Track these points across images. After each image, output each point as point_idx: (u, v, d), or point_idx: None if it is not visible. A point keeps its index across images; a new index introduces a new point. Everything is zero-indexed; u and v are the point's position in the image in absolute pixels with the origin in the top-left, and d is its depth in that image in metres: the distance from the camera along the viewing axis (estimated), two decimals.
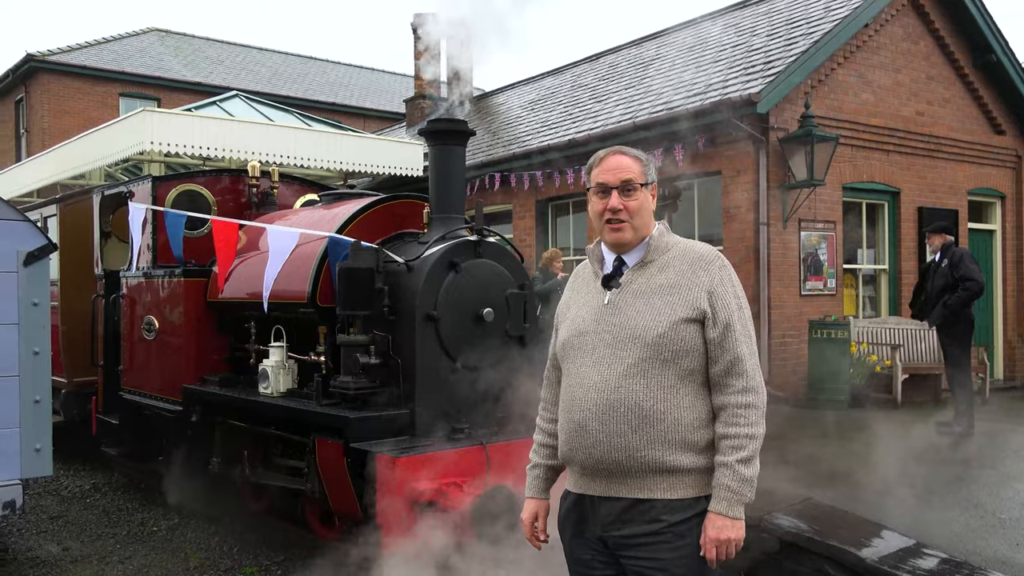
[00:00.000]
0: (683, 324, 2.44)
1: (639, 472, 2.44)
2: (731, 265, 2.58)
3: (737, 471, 2.38)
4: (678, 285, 2.49)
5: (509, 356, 5.38)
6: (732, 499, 2.39)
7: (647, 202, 2.63)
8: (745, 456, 2.39)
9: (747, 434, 2.41)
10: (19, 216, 5.21)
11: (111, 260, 7.75)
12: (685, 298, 2.47)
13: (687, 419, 2.44)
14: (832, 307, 10.60)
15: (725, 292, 2.49)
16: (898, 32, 11.39)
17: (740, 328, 2.48)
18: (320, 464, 5.05)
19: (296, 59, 30.48)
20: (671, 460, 2.42)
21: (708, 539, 2.40)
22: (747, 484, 2.40)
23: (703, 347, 2.47)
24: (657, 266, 2.56)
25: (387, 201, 5.78)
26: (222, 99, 14.64)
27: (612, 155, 2.66)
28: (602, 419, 2.46)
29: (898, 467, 6.84)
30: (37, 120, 22.76)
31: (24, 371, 5.14)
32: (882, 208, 11.59)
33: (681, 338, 2.44)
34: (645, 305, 2.49)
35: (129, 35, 26.57)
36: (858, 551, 4.91)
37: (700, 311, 2.45)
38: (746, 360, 2.46)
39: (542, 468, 2.82)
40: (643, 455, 2.42)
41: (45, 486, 7.66)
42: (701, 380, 2.48)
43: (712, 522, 2.41)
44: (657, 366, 2.44)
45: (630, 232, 2.58)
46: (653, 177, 2.67)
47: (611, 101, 12.98)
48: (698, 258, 2.54)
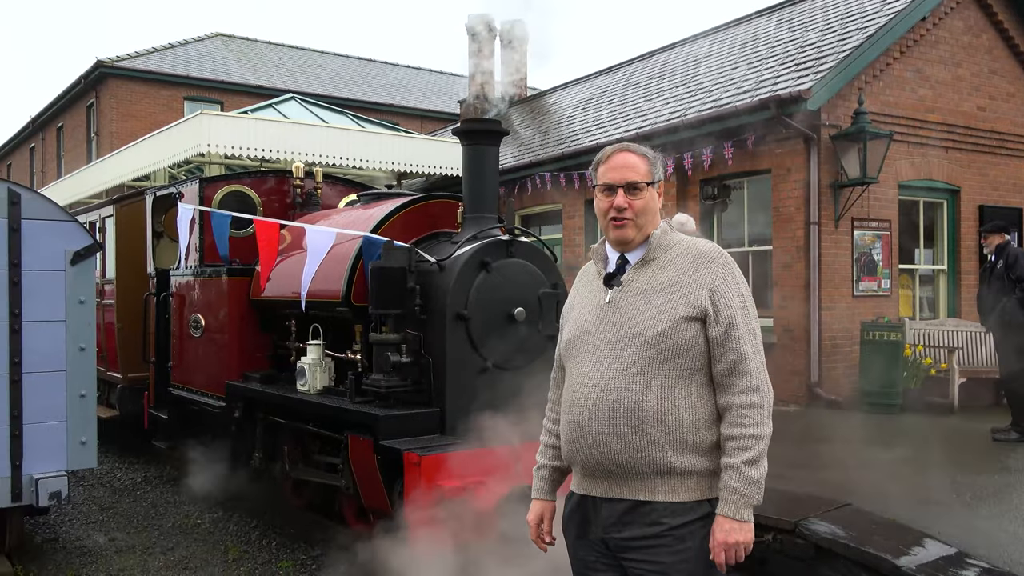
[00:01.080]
0: (683, 323, 2.41)
1: (640, 474, 2.41)
2: (735, 262, 2.54)
3: (744, 473, 2.34)
4: (679, 283, 2.46)
5: (540, 355, 5.38)
6: (739, 502, 2.35)
7: (652, 201, 2.58)
8: (751, 457, 2.35)
9: (752, 435, 2.37)
10: (67, 216, 5.39)
11: (163, 259, 7.97)
12: (686, 296, 2.43)
13: (689, 420, 2.40)
14: (887, 308, 10.33)
15: (728, 290, 2.44)
16: (958, 25, 11.05)
17: (743, 326, 2.43)
18: (352, 461, 5.12)
19: (355, 61, 30.91)
20: (672, 462, 2.39)
21: (716, 542, 2.36)
22: (754, 486, 2.35)
23: (705, 346, 2.43)
24: (659, 264, 2.52)
25: (422, 201, 5.82)
26: (278, 101, 14.94)
27: (618, 153, 2.61)
28: (602, 420, 2.44)
29: (947, 473, 6.64)
30: (106, 124, 23.51)
31: (71, 366, 5.32)
32: (941, 207, 11.26)
33: (681, 337, 2.40)
34: (645, 303, 2.46)
35: (194, 40, 27.28)
36: (895, 559, 4.80)
37: (701, 309, 2.42)
38: (750, 359, 2.41)
39: (548, 469, 2.81)
40: (643, 456, 2.39)
41: (99, 478, 7.92)
42: (704, 380, 2.44)
43: (720, 525, 2.37)
44: (657, 365, 2.41)
45: (633, 230, 2.55)
46: (660, 175, 2.62)
47: (661, 99, 12.86)
48: (700, 256, 2.50)
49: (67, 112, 27.06)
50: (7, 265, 5.09)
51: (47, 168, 29.14)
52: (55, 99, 27.11)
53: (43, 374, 5.20)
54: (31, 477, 5.14)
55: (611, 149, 2.66)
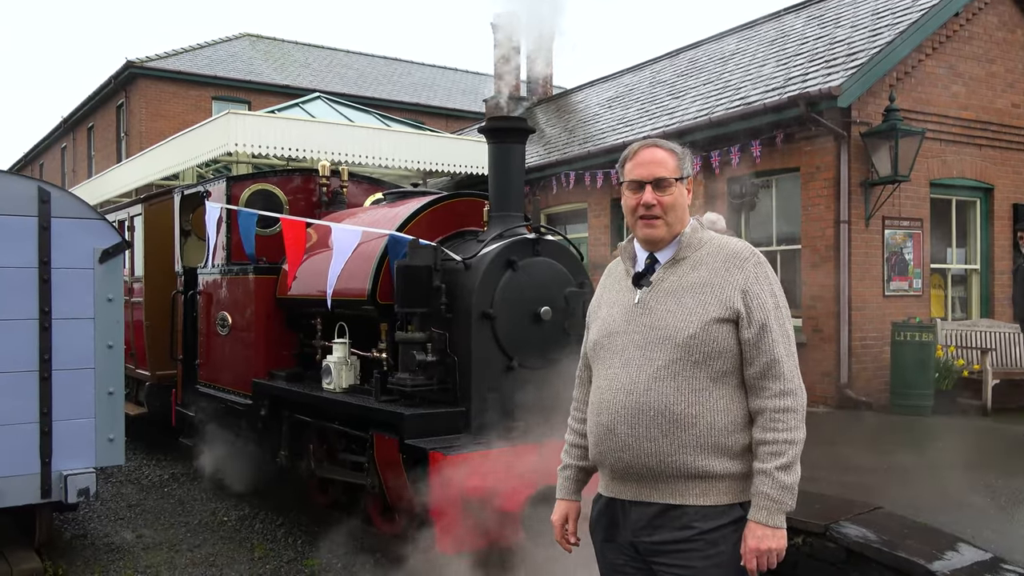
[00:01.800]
0: (715, 324, 2.36)
1: (670, 477, 2.36)
2: (767, 262, 2.48)
3: (776, 478, 2.30)
4: (711, 283, 2.40)
5: (566, 355, 5.34)
6: (772, 507, 2.30)
7: (682, 197, 2.52)
8: (784, 463, 2.30)
9: (786, 439, 2.32)
10: (95, 215, 5.43)
11: (190, 257, 8.02)
12: (718, 297, 2.38)
13: (720, 423, 2.35)
14: (918, 308, 10.18)
15: (761, 291, 2.39)
16: (992, 21, 10.85)
17: (777, 328, 2.38)
18: (378, 460, 5.11)
19: (381, 61, 31.00)
20: (703, 465, 2.34)
21: (748, 549, 2.32)
22: (787, 492, 2.31)
23: (737, 348, 2.38)
24: (689, 263, 2.47)
25: (447, 199, 5.80)
26: (304, 101, 14.99)
27: (646, 148, 2.56)
28: (631, 423, 2.39)
29: (981, 477, 6.51)
30: (136, 124, 23.74)
31: (99, 364, 5.36)
32: (974, 205, 11.07)
33: (713, 339, 2.35)
34: (676, 304, 2.41)
35: (222, 41, 27.47)
36: (928, 563, 4.70)
37: (733, 311, 2.36)
38: (783, 362, 2.36)
39: (573, 469, 2.77)
40: (674, 460, 2.35)
41: (127, 475, 7.98)
42: (736, 382, 2.39)
43: (752, 531, 2.32)
44: (688, 368, 2.36)
45: (663, 229, 2.49)
46: (689, 171, 2.57)
47: (688, 97, 12.76)
48: (732, 255, 2.44)
49: (97, 112, 27.37)
50: (37, 263, 5.14)
51: (78, 168, 29.50)
52: (86, 99, 27.42)
53: (72, 371, 5.24)
54: (60, 474, 5.18)
55: (638, 145, 2.60)
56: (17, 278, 5.07)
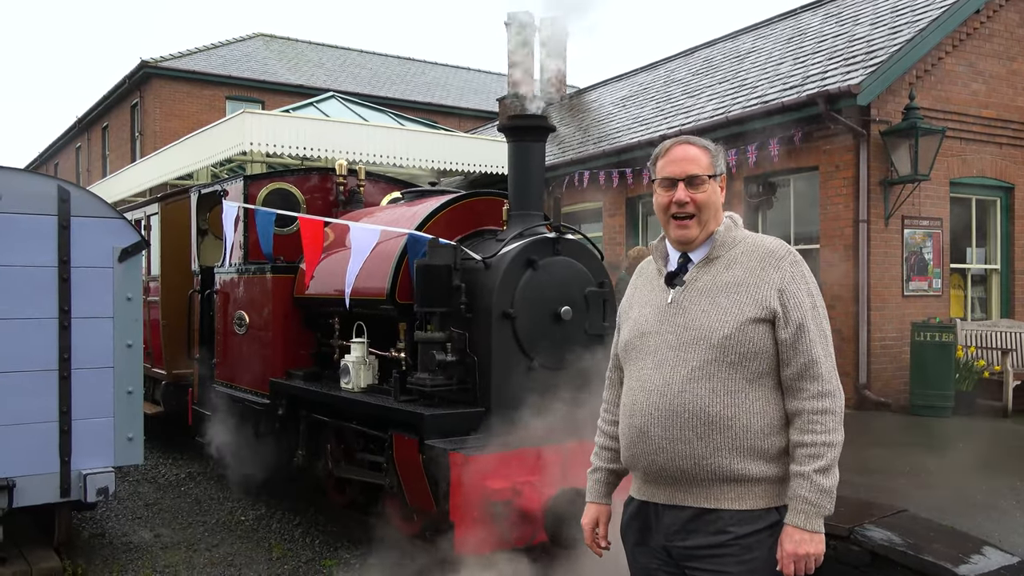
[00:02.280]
0: (751, 324, 2.31)
1: (705, 481, 2.32)
2: (804, 261, 2.43)
3: (815, 482, 2.25)
4: (746, 283, 2.35)
5: (587, 355, 5.30)
6: (810, 511, 2.25)
7: (715, 195, 2.47)
8: (823, 465, 2.25)
9: (824, 442, 2.27)
10: (114, 214, 5.42)
11: (207, 257, 8.02)
12: (753, 297, 2.33)
13: (756, 425, 2.31)
14: (937, 308, 10.08)
15: (798, 290, 2.34)
16: (1014, 18, 10.74)
17: (815, 328, 2.32)
18: (397, 460, 5.08)
19: (395, 60, 31.02)
20: (739, 469, 2.29)
21: (786, 554, 2.27)
22: (826, 495, 2.26)
23: (773, 349, 2.33)
24: (724, 262, 2.41)
25: (466, 198, 5.77)
26: (319, 100, 15.00)
27: (678, 145, 2.51)
28: (665, 425, 2.35)
29: (1005, 479, 6.44)
30: (150, 123, 23.82)
31: (118, 363, 5.34)
32: (994, 204, 10.96)
33: (749, 339, 2.30)
34: (711, 304, 2.36)
35: (235, 40, 27.54)
36: (955, 567, 4.65)
37: (770, 311, 2.31)
38: (821, 363, 2.31)
39: (603, 472, 2.73)
40: (709, 463, 2.30)
41: (144, 474, 7.98)
42: (772, 383, 2.34)
43: (790, 536, 2.27)
44: (724, 369, 2.31)
45: (697, 228, 2.44)
46: (722, 168, 2.51)
47: (704, 96, 12.69)
48: (768, 254, 2.39)
49: (112, 112, 27.48)
50: (56, 262, 5.13)
51: (92, 167, 29.63)
52: (100, 99, 27.54)
53: (91, 370, 5.23)
54: (79, 473, 5.17)
55: (670, 142, 2.56)
56: (37, 277, 5.07)
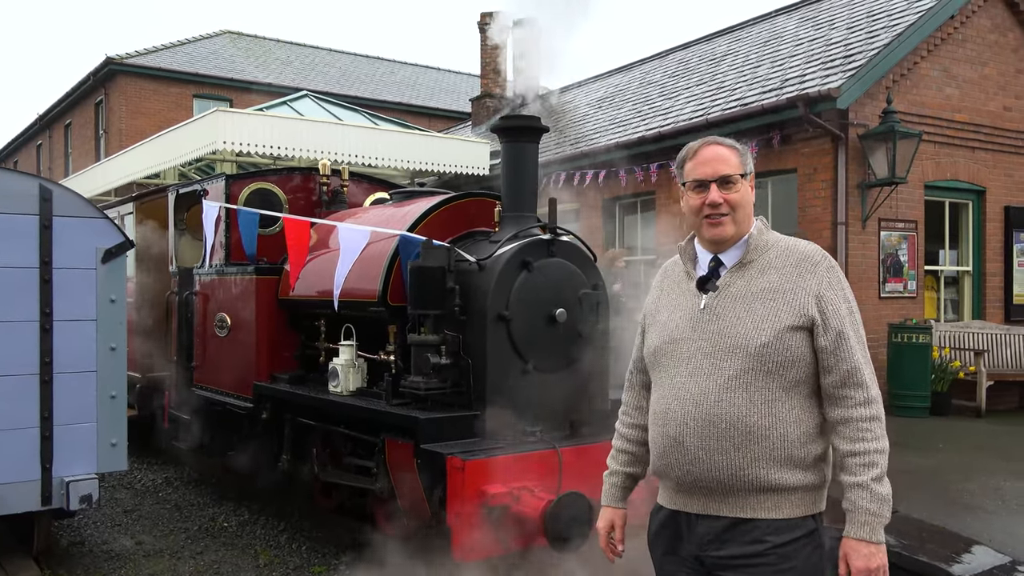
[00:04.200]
0: (789, 332, 2.26)
1: (742, 491, 2.28)
2: (838, 266, 2.39)
3: (874, 491, 2.20)
4: (782, 289, 2.31)
5: (581, 358, 5.27)
6: (875, 523, 2.20)
7: (748, 195, 2.43)
8: (879, 474, 2.22)
9: (877, 449, 2.23)
10: (98, 214, 5.28)
11: (185, 257, 7.86)
12: (791, 304, 2.28)
13: (794, 434, 2.27)
14: (912, 310, 10.21)
15: (835, 297, 2.30)
16: (985, 24, 10.91)
17: (854, 335, 2.29)
18: (389, 464, 5.00)
19: (364, 60, 30.80)
20: (777, 478, 2.25)
21: (857, 570, 2.20)
22: (886, 504, 2.22)
23: (811, 356, 2.29)
24: (758, 267, 2.36)
25: (458, 199, 5.70)
26: (292, 99, 14.81)
27: (707, 146, 2.47)
28: (701, 435, 2.30)
29: (988, 480, 6.52)
30: (115, 121, 23.40)
31: (101, 366, 5.21)
32: (966, 207, 11.12)
33: (787, 347, 2.26)
34: (746, 311, 2.31)
35: (202, 38, 27.17)
36: (948, 567, 4.69)
37: (808, 318, 2.27)
38: (863, 369, 2.27)
39: (620, 475, 2.69)
40: (747, 473, 2.26)
41: (119, 480, 7.80)
42: (808, 391, 2.31)
43: (857, 551, 2.20)
44: (761, 378, 2.27)
45: (731, 227, 2.39)
46: (751, 168, 2.47)
47: (682, 98, 12.73)
48: (803, 258, 2.34)
49: (75, 109, 26.96)
50: (38, 263, 4.98)
51: (55, 166, 29.04)
52: (63, 96, 27.00)
53: (74, 374, 5.09)
54: (61, 480, 5.03)
55: (697, 144, 2.52)
56: (18, 278, 4.92)
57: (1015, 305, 11.19)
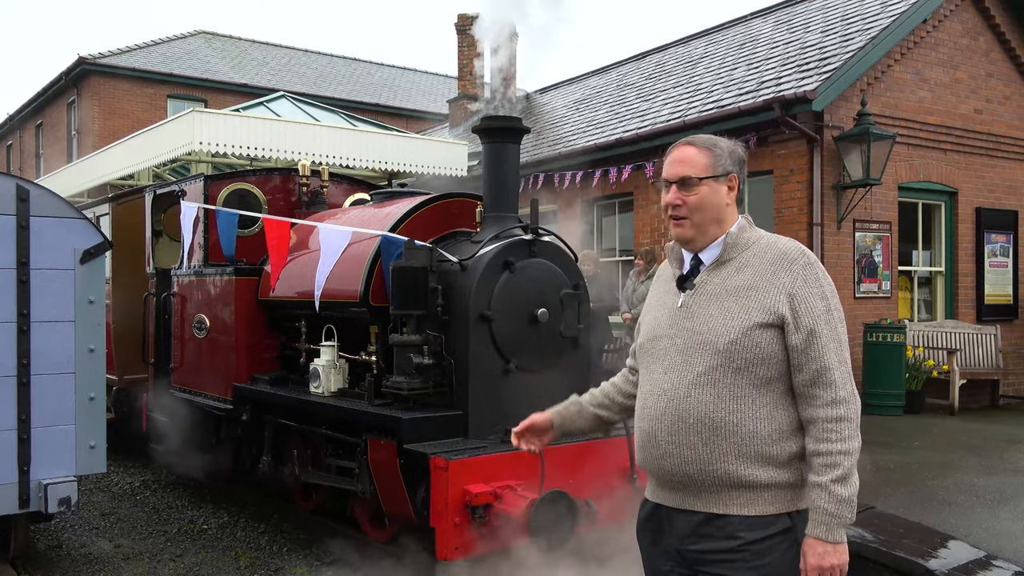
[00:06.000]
0: (758, 329, 2.27)
1: (713, 486, 2.30)
2: (819, 263, 2.38)
3: (833, 492, 2.20)
4: (755, 286, 2.31)
5: (563, 357, 5.30)
6: (831, 523, 2.20)
7: (711, 197, 2.42)
8: (840, 475, 2.21)
9: (840, 450, 2.22)
10: (76, 214, 5.23)
11: (162, 259, 7.79)
12: (762, 301, 2.29)
13: (765, 431, 2.28)
14: (887, 310, 10.34)
15: (809, 294, 2.28)
16: (957, 28, 11.08)
17: (827, 333, 2.27)
18: (372, 465, 5.00)
19: (340, 61, 30.66)
20: (747, 475, 2.27)
21: (810, 567, 2.22)
22: (846, 505, 2.21)
23: (783, 354, 2.29)
24: (735, 265, 2.38)
25: (439, 200, 5.71)
26: (269, 100, 14.71)
27: (679, 147, 2.50)
28: (671, 430, 2.34)
29: (963, 476, 6.62)
30: (88, 122, 23.13)
31: (80, 368, 5.16)
32: (939, 209, 11.28)
33: (756, 344, 2.27)
34: (719, 308, 2.33)
35: (176, 38, 26.90)
36: (925, 562, 4.76)
37: (778, 316, 2.27)
38: (834, 369, 2.25)
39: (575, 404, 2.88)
40: (715, 469, 2.28)
41: (96, 482, 7.72)
42: (783, 388, 2.31)
43: (812, 548, 2.22)
44: (729, 374, 2.29)
45: (691, 229, 2.42)
46: (727, 168, 2.44)
47: (659, 100, 12.81)
48: (780, 256, 2.34)
49: (47, 109, 26.62)
50: (15, 264, 4.92)
51: (25, 166, 28.65)
52: (35, 96, 26.65)
53: (51, 376, 5.03)
54: (39, 483, 4.97)
55: (677, 143, 2.56)
56: None
57: (987, 305, 11.37)
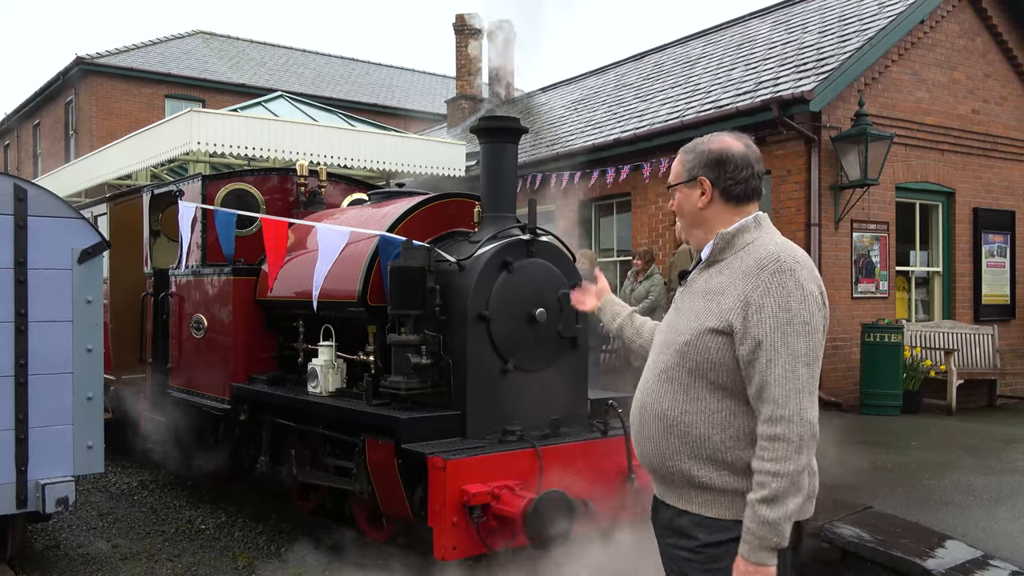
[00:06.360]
0: (709, 335, 2.25)
1: (675, 482, 2.35)
2: (797, 270, 2.19)
3: (757, 512, 2.12)
4: (723, 291, 2.27)
5: (561, 357, 5.30)
6: (753, 543, 2.13)
7: (684, 202, 2.47)
8: (766, 496, 2.11)
9: (769, 470, 2.11)
10: (74, 214, 5.23)
11: (160, 259, 7.79)
12: (720, 306, 2.25)
13: (718, 436, 2.25)
14: (884, 310, 10.35)
15: (765, 304, 2.16)
16: (954, 28, 11.10)
17: (778, 346, 2.13)
18: (370, 465, 5.00)
19: (338, 61, 30.68)
20: (701, 476, 2.26)
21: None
22: (769, 528, 2.10)
23: (735, 363, 2.23)
24: (720, 267, 2.35)
25: (437, 200, 5.71)
26: (267, 100, 14.71)
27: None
28: (640, 421, 2.44)
29: (960, 476, 6.63)
30: (85, 121, 23.13)
31: (77, 368, 5.15)
32: (936, 209, 11.30)
33: (706, 348, 2.25)
34: (690, 308, 2.37)
35: (174, 37, 26.91)
36: (923, 562, 4.77)
37: (728, 323, 2.21)
38: (774, 385, 2.12)
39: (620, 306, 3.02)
40: (672, 464, 2.33)
41: (94, 482, 7.72)
42: (743, 397, 2.24)
43: (737, 565, 2.18)
44: (685, 375, 2.30)
45: (682, 232, 2.57)
46: (694, 172, 2.43)
47: (657, 100, 12.82)
48: (755, 261, 2.25)
49: (45, 109, 26.62)
50: (12, 263, 4.92)
51: (23, 166, 28.63)
52: (32, 96, 26.66)
53: (49, 376, 5.03)
54: (36, 483, 4.97)
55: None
56: None
57: (984, 305, 11.40)
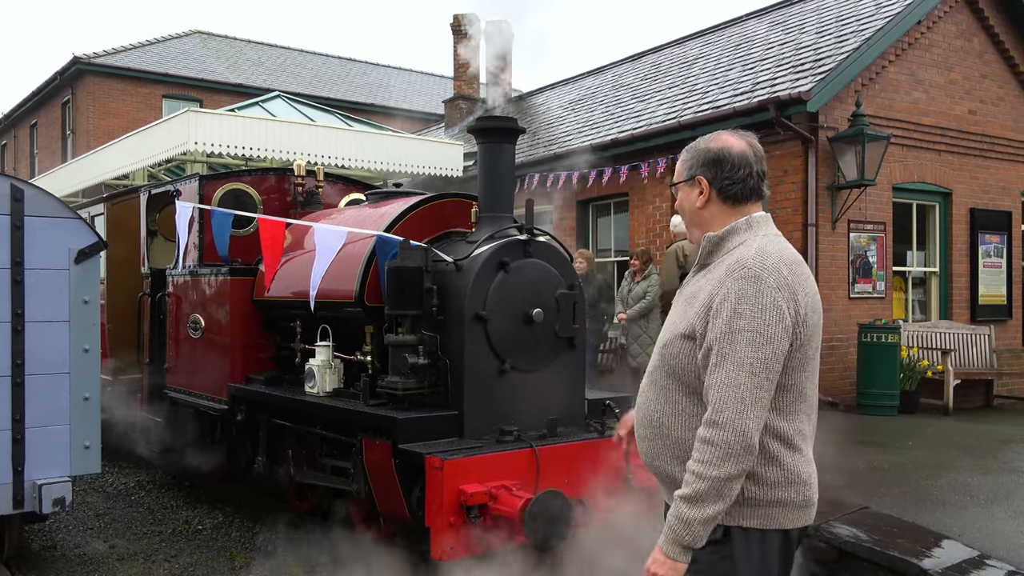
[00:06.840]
0: (680, 339, 2.30)
1: (664, 481, 2.41)
2: (762, 277, 2.16)
3: (678, 507, 2.16)
4: (698, 295, 2.30)
5: (558, 357, 5.30)
6: (668, 535, 2.18)
7: (683, 201, 2.50)
8: (688, 494, 2.15)
9: (696, 471, 2.15)
10: (71, 214, 5.22)
11: (157, 259, 7.78)
12: (692, 311, 2.28)
13: (690, 440, 2.25)
14: (881, 310, 10.37)
15: (722, 309, 2.17)
16: (951, 29, 11.12)
17: (726, 351, 2.14)
18: (367, 465, 4.99)
19: (336, 61, 30.66)
20: (681, 477, 2.25)
21: (645, 569, 2.24)
22: (685, 526, 2.14)
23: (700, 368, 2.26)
24: (707, 270, 2.36)
25: (434, 200, 5.71)
26: (264, 100, 14.70)
27: None
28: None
29: (957, 476, 6.64)
30: (83, 121, 23.10)
31: (74, 368, 5.15)
32: (933, 209, 11.32)
33: (679, 352, 2.29)
34: (674, 312, 2.43)
35: (171, 37, 26.89)
36: (919, 561, 4.77)
37: (692, 328, 2.26)
38: (715, 389, 2.15)
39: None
40: (660, 464, 2.38)
41: (91, 483, 7.72)
42: None
43: (653, 552, 2.23)
44: (665, 376, 2.36)
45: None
46: (692, 172, 2.43)
47: (654, 100, 12.82)
48: (728, 267, 2.24)
49: (42, 109, 26.59)
50: (9, 263, 4.91)
51: (19, 166, 28.61)
52: (29, 95, 26.63)
53: (46, 376, 5.02)
54: (33, 483, 4.96)
55: None
56: None
57: (981, 305, 11.41)
